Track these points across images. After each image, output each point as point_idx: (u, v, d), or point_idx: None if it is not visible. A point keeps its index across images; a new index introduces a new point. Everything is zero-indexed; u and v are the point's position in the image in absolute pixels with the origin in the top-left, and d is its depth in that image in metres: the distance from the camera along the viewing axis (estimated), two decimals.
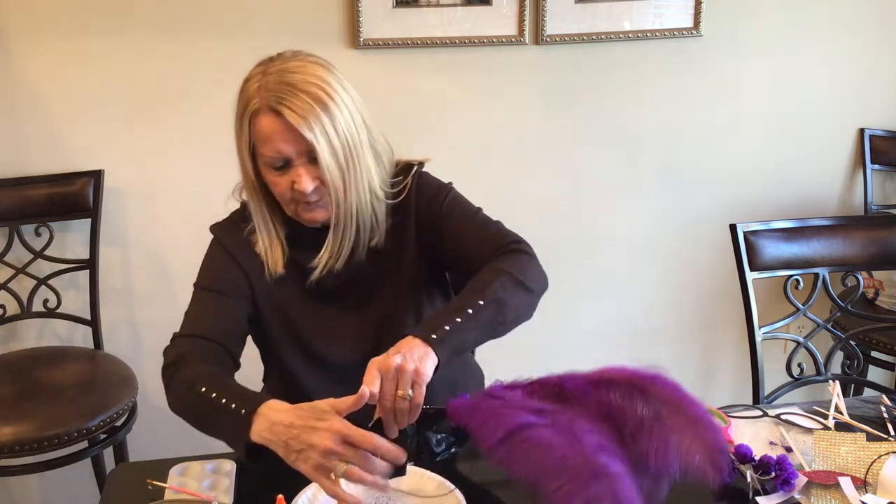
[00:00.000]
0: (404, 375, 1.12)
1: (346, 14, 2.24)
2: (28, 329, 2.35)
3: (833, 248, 1.79)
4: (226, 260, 1.40)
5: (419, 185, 1.43)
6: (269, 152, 1.28)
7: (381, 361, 1.13)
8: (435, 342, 1.17)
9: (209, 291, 1.38)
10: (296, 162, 1.28)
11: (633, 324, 2.66)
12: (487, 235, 1.38)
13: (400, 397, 1.12)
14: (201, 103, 2.25)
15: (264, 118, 1.26)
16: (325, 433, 1.08)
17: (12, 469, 1.97)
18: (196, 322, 1.35)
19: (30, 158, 2.23)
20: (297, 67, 1.28)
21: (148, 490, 1.17)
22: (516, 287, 1.29)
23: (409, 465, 1.16)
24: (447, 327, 1.19)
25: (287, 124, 1.25)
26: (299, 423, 1.10)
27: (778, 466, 1.19)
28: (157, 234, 2.33)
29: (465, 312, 1.22)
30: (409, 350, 1.15)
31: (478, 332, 1.25)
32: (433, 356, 1.16)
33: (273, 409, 1.14)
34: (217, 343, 1.32)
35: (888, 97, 2.60)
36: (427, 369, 1.13)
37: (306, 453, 1.09)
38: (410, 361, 1.12)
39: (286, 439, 1.10)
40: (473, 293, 1.26)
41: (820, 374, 1.79)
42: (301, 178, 1.28)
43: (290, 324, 1.42)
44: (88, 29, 2.16)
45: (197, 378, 1.22)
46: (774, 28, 2.47)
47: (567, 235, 2.54)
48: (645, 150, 2.51)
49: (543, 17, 2.31)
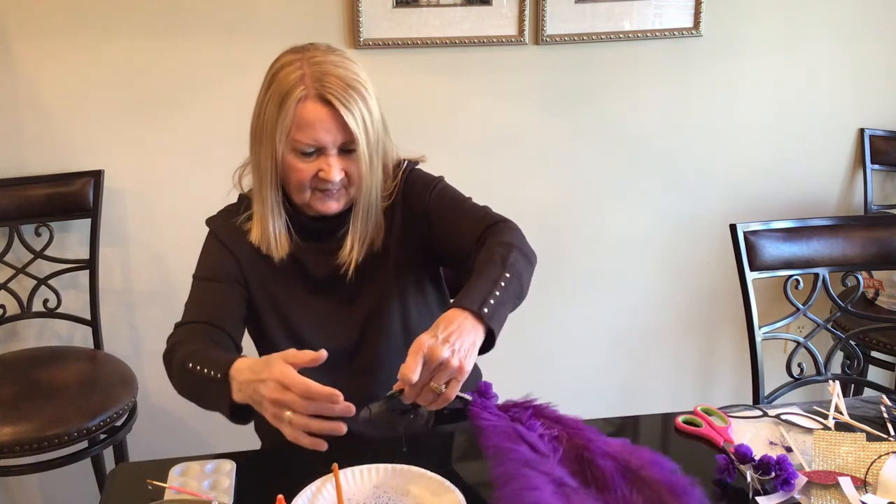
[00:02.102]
0: (445, 371, 1.12)
1: (346, 14, 2.24)
2: (28, 329, 2.35)
3: (833, 248, 1.79)
4: (220, 249, 1.44)
5: (408, 181, 1.47)
6: (305, 138, 1.30)
7: (430, 349, 1.12)
8: (488, 316, 1.18)
9: (206, 280, 1.42)
10: (329, 151, 1.32)
11: (633, 323, 2.66)
12: (475, 216, 1.41)
13: (430, 389, 1.13)
14: (201, 103, 2.25)
15: (311, 105, 1.30)
16: (269, 383, 1.11)
17: (12, 469, 1.97)
18: (194, 310, 1.39)
19: (30, 158, 2.23)
20: (338, 62, 1.32)
21: (148, 490, 1.17)
22: (525, 260, 1.32)
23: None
24: (492, 301, 1.20)
25: (334, 114, 1.29)
26: (252, 378, 1.14)
27: (778, 466, 1.19)
28: (157, 234, 2.33)
29: (499, 285, 1.23)
30: (459, 335, 1.14)
31: (510, 306, 1.26)
32: (482, 336, 1.17)
33: (237, 369, 1.17)
34: (215, 327, 1.35)
35: (888, 97, 2.60)
36: (469, 365, 1.14)
37: (262, 405, 1.13)
38: (457, 357, 1.13)
39: (250, 393, 1.14)
40: (496, 266, 1.26)
41: (820, 374, 1.79)
42: (331, 168, 1.32)
43: (281, 312, 1.45)
44: (88, 29, 2.16)
45: (186, 357, 1.26)
46: (774, 28, 2.47)
47: (566, 235, 2.54)
48: (645, 149, 2.51)
49: (543, 17, 2.31)
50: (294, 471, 1.11)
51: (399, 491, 1.18)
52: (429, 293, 1.51)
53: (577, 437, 1.16)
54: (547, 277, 2.45)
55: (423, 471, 1.19)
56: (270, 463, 1.30)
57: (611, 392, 2.72)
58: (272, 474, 1.25)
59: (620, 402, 2.72)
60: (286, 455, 1.31)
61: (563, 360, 2.66)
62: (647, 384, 2.74)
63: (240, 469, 1.24)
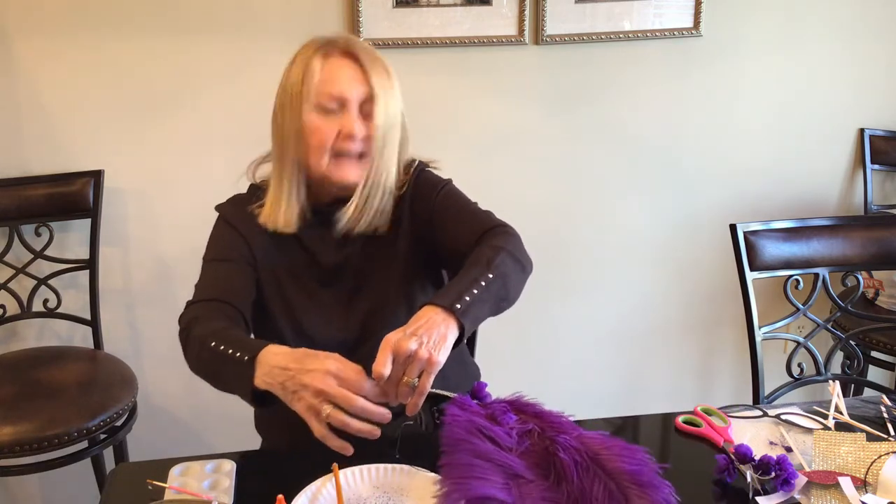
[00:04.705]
0: (415, 363, 1.12)
1: (346, 14, 2.24)
2: (28, 329, 2.35)
3: (833, 248, 1.79)
4: (231, 232, 1.44)
5: (417, 180, 1.48)
6: (329, 90, 1.34)
7: (397, 343, 1.12)
8: (459, 312, 1.17)
9: (216, 261, 1.43)
10: (350, 108, 1.35)
11: (632, 323, 2.66)
12: (477, 221, 1.41)
13: (404, 384, 1.12)
14: (201, 103, 2.25)
15: (336, 59, 1.35)
16: (317, 373, 1.11)
17: (12, 469, 1.97)
18: (206, 288, 1.39)
19: (30, 158, 2.23)
20: (366, 44, 1.41)
21: (148, 490, 1.17)
22: (515, 264, 1.31)
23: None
24: (467, 298, 1.20)
25: (358, 67, 1.35)
26: (294, 366, 1.13)
27: (778, 466, 1.19)
28: (157, 234, 2.33)
29: (479, 284, 1.23)
30: (428, 329, 1.14)
31: (489, 306, 1.25)
32: (454, 330, 1.16)
33: (272, 353, 1.17)
34: (228, 304, 1.35)
35: (888, 97, 2.60)
36: (441, 357, 1.13)
37: (300, 394, 1.12)
38: (425, 349, 1.12)
39: (283, 381, 1.13)
40: (479, 266, 1.27)
41: (820, 374, 1.79)
42: (352, 122, 1.35)
43: (286, 299, 1.45)
44: (89, 29, 2.16)
45: (208, 334, 1.26)
46: (774, 28, 2.47)
47: (566, 235, 2.54)
48: (645, 149, 2.51)
49: (543, 17, 2.31)
50: (294, 471, 1.11)
51: (399, 491, 1.18)
52: (430, 294, 1.51)
53: (549, 430, 1.16)
54: (547, 277, 2.45)
55: (423, 471, 1.19)
56: (270, 463, 1.30)
57: (611, 392, 2.72)
58: (272, 474, 1.25)
59: (620, 402, 2.72)
60: (286, 455, 1.31)
61: (563, 360, 2.66)
62: (647, 384, 2.74)
63: (240, 469, 1.24)
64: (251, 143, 1.51)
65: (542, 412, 1.20)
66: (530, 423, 1.17)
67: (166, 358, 2.38)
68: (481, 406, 1.20)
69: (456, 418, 1.14)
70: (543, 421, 1.18)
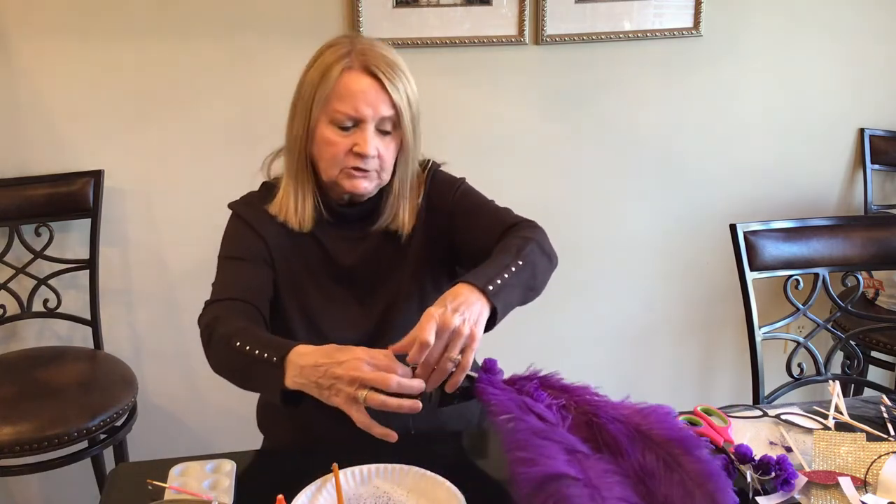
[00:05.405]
0: (458, 339, 1.12)
1: (346, 14, 2.24)
2: (28, 329, 2.35)
3: (833, 248, 1.79)
4: (246, 230, 1.44)
5: (433, 180, 1.48)
6: (346, 108, 1.32)
7: (442, 317, 1.12)
8: (492, 294, 1.18)
9: (234, 259, 1.42)
10: (367, 125, 1.33)
11: (633, 323, 2.66)
12: (499, 216, 1.42)
13: (447, 359, 1.12)
14: (201, 103, 2.25)
15: (356, 75, 1.33)
16: (349, 363, 1.11)
17: (12, 469, 1.97)
18: (225, 287, 1.39)
19: (30, 158, 2.23)
20: (385, 47, 1.38)
21: (148, 490, 1.17)
22: (543, 255, 1.32)
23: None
24: (498, 281, 1.20)
25: (378, 86, 1.33)
26: (325, 361, 1.13)
27: (778, 466, 1.19)
28: (157, 234, 2.33)
29: (510, 269, 1.23)
30: (467, 306, 1.15)
31: (519, 293, 1.26)
32: (487, 311, 1.17)
33: (299, 353, 1.17)
34: (248, 303, 1.35)
35: (888, 97, 2.60)
36: (480, 333, 1.14)
37: (336, 387, 1.12)
38: (468, 325, 1.13)
39: (316, 379, 1.13)
40: (509, 254, 1.27)
41: (820, 374, 1.79)
42: (367, 143, 1.33)
43: (301, 297, 1.45)
44: (89, 29, 2.16)
45: (233, 333, 1.25)
46: (774, 28, 2.47)
47: (566, 235, 2.53)
48: (645, 149, 2.51)
49: (543, 17, 2.31)
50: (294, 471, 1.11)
51: (399, 491, 1.18)
52: (444, 291, 1.51)
53: (584, 404, 1.17)
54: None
55: (423, 471, 1.19)
56: (270, 463, 1.30)
57: (611, 392, 2.69)
58: (272, 474, 1.25)
59: None
60: (286, 455, 1.31)
61: (563, 360, 2.64)
62: (647, 384, 2.74)
63: (240, 469, 1.24)
64: (251, 142, 1.52)
65: (566, 386, 1.21)
66: (562, 398, 1.18)
67: (166, 358, 2.38)
68: (506, 382, 1.20)
69: (502, 400, 1.14)
70: (571, 395, 1.19)
